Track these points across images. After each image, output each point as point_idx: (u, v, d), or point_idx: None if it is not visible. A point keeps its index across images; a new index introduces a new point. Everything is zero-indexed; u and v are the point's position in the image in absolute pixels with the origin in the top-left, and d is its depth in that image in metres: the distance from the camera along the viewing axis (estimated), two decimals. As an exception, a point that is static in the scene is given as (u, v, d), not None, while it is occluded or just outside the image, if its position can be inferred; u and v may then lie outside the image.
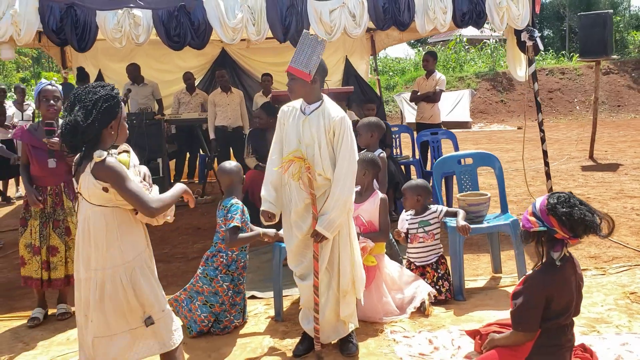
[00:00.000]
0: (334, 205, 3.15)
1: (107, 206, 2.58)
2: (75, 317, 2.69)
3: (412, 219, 4.18)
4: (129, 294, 2.60)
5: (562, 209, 2.56)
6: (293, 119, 3.31)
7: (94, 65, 9.32)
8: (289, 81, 3.24)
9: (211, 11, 5.19)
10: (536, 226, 2.64)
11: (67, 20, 5.00)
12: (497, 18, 5.67)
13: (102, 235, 2.58)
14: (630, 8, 25.84)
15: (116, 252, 2.59)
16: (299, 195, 3.23)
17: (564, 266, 2.62)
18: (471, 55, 24.24)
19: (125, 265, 2.61)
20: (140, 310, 2.64)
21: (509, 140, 14.24)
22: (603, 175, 8.33)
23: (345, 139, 3.20)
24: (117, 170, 2.52)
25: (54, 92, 4.05)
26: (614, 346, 3.23)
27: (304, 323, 3.43)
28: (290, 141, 3.28)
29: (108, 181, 2.52)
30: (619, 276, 4.25)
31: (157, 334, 2.67)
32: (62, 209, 4.10)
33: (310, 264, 3.28)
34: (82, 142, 2.56)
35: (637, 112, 18.58)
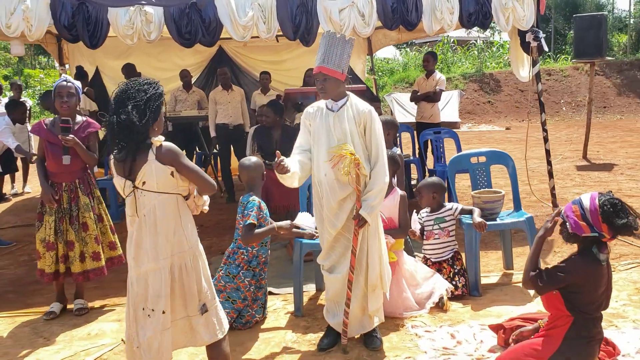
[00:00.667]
0: (376, 191, 3.24)
1: (172, 193, 2.65)
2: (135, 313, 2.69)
3: (427, 216, 4.26)
4: (191, 279, 2.68)
5: (619, 220, 2.60)
6: (320, 118, 3.35)
7: (91, 63, 9.28)
8: (319, 82, 3.26)
9: (222, 9, 5.20)
10: (588, 232, 2.67)
11: (79, 17, 4.98)
12: (503, 19, 5.75)
13: (170, 222, 2.65)
14: (614, 10, 26.22)
15: (182, 238, 2.67)
16: (332, 193, 3.28)
17: (600, 262, 2.69)
18: (458, 57, 24.42)
19: (189, 251, 2.69)
20: (196, 298, 2.70)
21: (499, 141, 14.41)
22: (599, 175, 8.48)
23: (375, 130, 3.30)
24: (177, 151, 2.63)
25: (69, 88, 4.06)
26: (633, 340, 3.32)
27: (329, 317, 3.47)
28: (320, 140, 3.32)
29: (173, 163, 2.60)
30: (629, 272, 4.36)
31: (209, 323, 2.72)
32: (77, 205, 4.10)
33: (339, 258, 3.35)
34: (136, 142, 2.58)
35: (622, 113, 18.89)
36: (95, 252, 4.13)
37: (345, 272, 3.32)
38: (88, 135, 4.17)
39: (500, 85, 20.89)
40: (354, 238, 3.27)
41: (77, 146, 4.00)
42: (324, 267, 3.43)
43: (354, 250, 3.28)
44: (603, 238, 2.66)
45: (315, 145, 3.36)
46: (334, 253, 3.37)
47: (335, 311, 3.43)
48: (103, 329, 3.88)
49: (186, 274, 2.66)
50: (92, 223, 4.12)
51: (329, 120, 3.31)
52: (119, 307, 4.26)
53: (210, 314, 2.73)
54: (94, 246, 4.12)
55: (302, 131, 3.47)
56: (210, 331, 2.72)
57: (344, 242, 3.35)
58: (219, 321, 2.76)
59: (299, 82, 8.57)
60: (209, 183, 2.72)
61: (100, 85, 9.41)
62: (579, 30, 9.47)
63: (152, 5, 5.08)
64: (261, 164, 4.02)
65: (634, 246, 4.98)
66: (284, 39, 6.25)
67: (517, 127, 17.83)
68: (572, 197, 7.06)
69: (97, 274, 4.15)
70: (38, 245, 4.11)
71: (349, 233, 3.32)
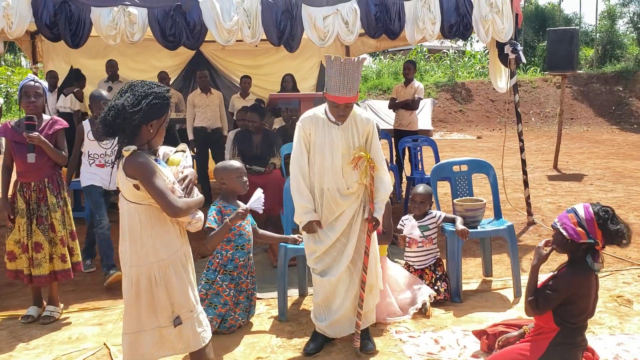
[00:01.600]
0: (383, 196, 3.37)
1: (141, 204, 2.59)
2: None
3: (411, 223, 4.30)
4: (160, 291, 2.63)
5: (614, 226, 2.69)
6: (322, 129, 3.34)
7: (66, 62, 9.12)
8: (342, 109, 3.25)
9: (207, 12, 5.20)
10: (585, 238, 2.73)
11: (61, 16, 4.93)
12: (483, 31, 5.89)
13: (136, 232, 2.60)
14: (581, 25, 26.95)
15: (150, 250, 2.61)
16: (335, 204, 3.34)
17: (588, 271, 2.77)
18: (431, 65, 24.77)
19: (159, 264, 2.62)
20: (170, 310, 2.66)
21: (471, 149, 14.65)
22: (570, 185, 8.70)
23: (376, 139, 3.41)
24: (145, 167, 2.52)
25: (35, 88, 3.98)
26: (610, 346, 3.42)
27: (317, 321, 3.48)
28: (323, 152, 3.33)
29: (137, 177, 2.53)
30: (603, 280, 4.48)
31: (183, 335, 2.69)
32: (45, 204, 4.01)
33: (332, 261, 3.38)
34: (120, 129, 2.54)
35: (588, 124, 19.41)
36: (62, 254, 4.04)
37: (339, 276, 3.36)
38: (55, 133, 4.06)
39: (471, 94, 21.25)
40: (367, 239, 3.34)
41: (43, 144, 3.91)
42: (316, 270, 3.44)
43: (367, 251, 3.35)
44: (597, 246, 2.74)
45: (316, 156, 3.36)
46: (328, 257, 3.40)
47: (324, 315, 3.45)
48: (84, 333, 3.82)
49: (155, 285, 2.61)
50: (58, 224, 4.02)
51: (333, 133, 3.33)
52: (99, 311, 4.20)
53: (185, 327, 2.68)
54: (61, 248, 4.03)
55: (301, 142, 3.37)
56: (184, 342, 2.69)
57: (339, 246, 3.38)
58: (194, 334, 2.70)
59: (276, 87, 8.59)
60: (172, 207, 2.53)
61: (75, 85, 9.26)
62: (552, 44, 9.72)
63: (136, 7, 5.05)
64: (224, 167, 3.95)
65: (607, 255, 5.13)
66: (262, 44, 6.25)
67: (488, 136, 18.14)
68: (546, 206, 7.25)
69: (64, 276, 4.06)
70: (12, 247, 4.00)
71: (345, 238, 3.37)
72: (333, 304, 3.42)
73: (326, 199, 3.35)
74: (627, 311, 3.95)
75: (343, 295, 3.40)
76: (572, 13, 32.16)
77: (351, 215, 3.36)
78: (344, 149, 3.31)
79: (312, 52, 9.85)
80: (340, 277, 3.37)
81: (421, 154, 7.24)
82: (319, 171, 3.35)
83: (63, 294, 4.34)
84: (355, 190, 3.36)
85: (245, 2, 5.27)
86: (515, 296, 4.23)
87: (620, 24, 25.20)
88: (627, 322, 3.78)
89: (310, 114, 3.42)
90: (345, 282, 3.40)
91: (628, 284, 4.47)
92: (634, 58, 22.30)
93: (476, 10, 5.80)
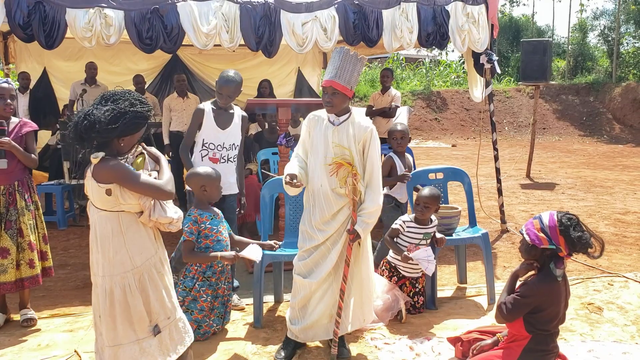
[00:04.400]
0: (372, 211, 3.29)
1: (113, 211, 2.55)
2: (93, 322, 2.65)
3: (416, 228, 4.10)
4: (136, 300, 2.58)
5: (575, 233, 2.74)
6: (320, 128, 3.37)
7: (39, 63, 9.02)
8: (328, 95, 3.25)
9: (185, 16, 5.16)
10: (546, 244, 2.79)
11: (35, 16, 4.84)
12: (459, 40, 5.96)
13: (108, 241, 2.55)
14: (554, 36, 27.45)
15: (124, 258, 2.57)
16: (327, 204, 3.31)
17: (556, 279, 2.82)
18: (407, 74, 24.99)
19: (134, 271, 2.58)
20: (147, 320, 2.61)
21: (446, 157, 14.78)
22: (542, 194, 8.84)
23: (374, 148, 3.34)
24: (119, 168, 2.50)
25: (10, 90, 3.89)
26: (581, 353, 3.48)
27: (291, 324, 3.45)
28: (317, 151, 3.34)
29: (114, 181, 2.49)
30: (575, 288, 4.55)
31: (163, 343, 2.65)
32: (15, 208, 3.90)
33: (313, 265, 3.37)
34: (91, 141, 2.51)
35: (560, 134, 19.76)
36: (31, 260, 3.93)
37: (320, 279, 3.34)
38: (25, 136, 3.96)
39: (446, 103, 21.47)
40: (348, 249, 3.31)
41: (14, 149, 3.82)
42: (296, 270, 3.42)
43: (348, 260, 3.31)
44: (560, 252, 2.78)
45: (312, 155, 3.38)
46: (310, 258, 3.37)
47: (298, 318, 3.43)
48: (54, 340, 3.74)
49: (130, 295, 2.57)
50: (27, 229, 3.91)
51: (328, 133, 3.32)
52: (70, 317, 4.12)
53: (164, 335, 2.65)
54: (29, 253, 3.92)
55: (303, 137, 3.47)
56: (164, 353, 2.66)
57: (323, 250, 3.35)
58: (172, 340, 2.68)
59: (253, 92, 8.57)
60: (163, 191, 2.57)
61: (47, 86, 9.14)
62: (526, 54, 9.87)
63: (113, 9, 4.99)
64: (194, 174, 3.90)
65: (578, 262, 5.21)
66: (240, 49, 6.23)
67: (462, 144, 18.34)
68: (519, 214, 7.35)
69: (32, 283, 3.95)
70: None
71: (332, 243, 3.35)
72: (308, 308, 3.40)
73: (318, 199, 3.33)
74: (597, 318, 4.02)
75: (318, 300, 3.38)
76: (545, 25, 32.73)
77: (342, 221, 3.33)
78: (336, 150, 3.29)
79: (290, 58, 9.87)
80: (321, 281, 3.35)
81: (397, 161, 7.26)
82: (312, 169, 3.36)
83: (33, 300, 4.25)
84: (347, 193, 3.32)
85: (224, 7, 5.26)
86: (489, 303, 4.27)
87: (591, 37, 25.72)
88: (597, 329, 3.84)
89: (315, 114, 3.45)
90: (324, 288, 3.38)
91: (598, 291, 4.54)
92: (605, 70, 22.79)
93: (453, 20, 5.88)
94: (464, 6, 5.89)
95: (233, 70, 4.47)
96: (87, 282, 4.86)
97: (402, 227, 4.12)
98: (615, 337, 3.72)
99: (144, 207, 2.59)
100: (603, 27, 24.44)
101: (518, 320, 2.86)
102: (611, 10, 24.65)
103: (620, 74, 21.46)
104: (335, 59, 3.25)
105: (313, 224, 3.35)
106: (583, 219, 6.94)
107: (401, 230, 4.12)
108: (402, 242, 4.11)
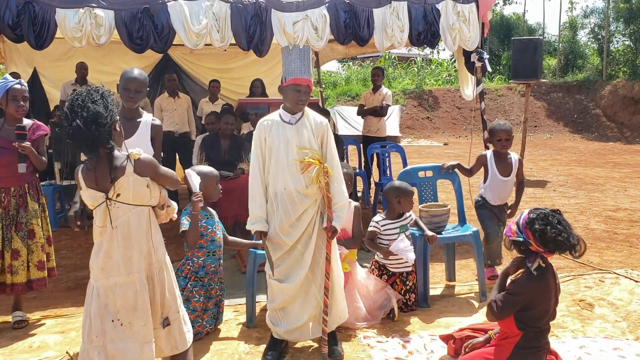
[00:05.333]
0: (342, 204, 3.33)
1: (145, 205, 2.63)
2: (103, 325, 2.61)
3: (389, 223, 4.17)
4: (157, 291, 2.65)
5: (536, 226, 2.78)
6: (276, 130, 3.34)
7: (29, 63, 8.94)
8: (304, 94, 3.28)
9: (175, 15, 5.14)
10: (515, 236, 2.86)
11: (25, 16, 4.80)
12: (450, 39, 5.97)
13: (143, 235, 2.62)
14: (544, 35, 27.58)
15: (151, 250, 2.66)
16: (292, 206, 3.29)
17: (544, 275, 2.84)
18: (399, 72, 25.04)
19: (157, 264, 2.67)
20: (159, 311, 2.66)
21: (438, 156, 14.84)
22: (534, 192, 8.88)
23: (331, 142, 3.38)
24: (155, 162, 2.64)
25: (23, 92, 3.94)
26: (573, 349, 3.50)
27: (273, 325, 3.45)
28: (278, 152, 3.31)
29: (149, 174, 2.59)
30: (566, 285, 4.58)
31: (170, 336, 2.69)
32: (25, 211, 3.93)
33: (289, 269, 3.36)
34: (107, 134, 2.53)
35: (551, 132, 19.88)
36: (40, 261, 3.97)
37: (299, 282, 3.33)
38: (37, 139, 4.01)
39: (438, 102, 21.55)
40: (328, 245, 3.32)
41: (32, 153, 3.88)
42: (272, 276, 3.39)
43: (329, 257, 3.32)
44: (530, 246, 2.81)
45: (272, 158, 3.33)
46: (284, 264, 3.36)
47: (280, 320, 3.42)
48: (46, 341, 3.73)
49: (152, 286, 2.63)
50: (40, 230, 3.96)
51: (287, 132, 3.31)
52: (62, 319, 4.10)
53: (173, 328, 2.70)
54: (40, 255, 3.96)
55: (257, 149, 3.38)
56: (171, 344, 2.69)
57: (295, 254, 3.34)
58: (181, 334, 2.74)
59: (245, 91, 8.56)
60: (177, 179, 2.84)
61: (39, 87, 9.07)
62: (517, 53, 9.91)
63: (103, 9, 4.96)
64: (215, 175, 3.94)
65: (569, 259, 5.25)
66: (231, 48, 6.22)
67: (454, 142, 18.40)
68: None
69: (40, 285, 3.99)
70: None
71: (303, 246, 3.33)
72: (291, 311, 3.39)
73: (282, 201, 3.30)
74: (588, 315, 4.04)
75: (300, 305, 3.38)
76: (535, 23, 32.87)
77: (308, 222, 3.32)
78: (298, 147, 3.28)
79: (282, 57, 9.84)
80: (299, 284, 3.34)
81: (389, 160, 7.31)
82: (274, 172, 3.32)
83: (24, 301, 4.22)
84: (313, 192, 3.31)
85: (215, 6, 5.24)
86: (481, 301, 4.29)
87: (581, 35, 25.90)
88: (589, 325, 3.86)
89: (265, 119, 3.42)
90: (303, 292, 3.37)
91: (590, 288, 4.57)
92: (595, 68, 22.93)
93: (444, 18, 5.88)
94: (455, 5, 5.90)
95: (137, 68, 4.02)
96: (78, 284, 4.85)
97: (377, 227, 4.18)
98: (606, 333, 3.74)
99: (164, 198, 2.76)
100: (593, 25, 24.60)
101: (509, 317, 2.88)
102: (601, 8, 24.80)
103: (610, 71, 21.60)
104: (295, 56, 3.27)
105: (278, 229, 3.31)
106: (574, 217, 7.03)
107: (378, 231, 4.17)
108: (384, 241, 4.15)
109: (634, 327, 3.83)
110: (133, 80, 3.86)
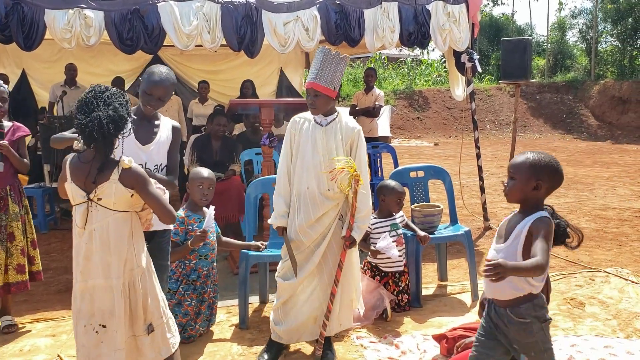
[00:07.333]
0: (365, 215, 3.31)
1: (128, 211, 2.58)
2: (76, 329, 2.59)
3: (380, 222, 4.18)
4: (139, 297, 2.60)
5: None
6: (306, 130, 3.33)
7: (17, 65, 8.90)
8: (311, 97, 3.24)
9: (166, 16, 5.14)
10: None
11: (13, 17, 4.79)
12: (440, 39, 6.00)
13: (123, 240, 2.56)
14: (533, 35, 27.73)
15: (132, 256, 2.59)
16: (314, 207, 3.28)
17: None
18: (389, 73, 25.09)
19: (138, 269, 2.61)
20: (142, 317, 2.62)
21: (429, 156, 14.88)
22: (524, 191, 8.90)
23: (361, 150, 3.33)
24: (145, 178, 2.55)
25: (2, 92, 3.87)
26: (564, 347, 3.52)
27: (275, 324, 3.44)
28: (305, 153, 3.30)
29: (135, 187, 2.52)
30: (557, 284, 4.61)
31: (154, 342, 2.64)
32: (6, 213, 3.88)
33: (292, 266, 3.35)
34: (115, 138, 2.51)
35: (540, 132, 20.00)
36: (20, 265, 3.90)
37: (303, 277, 3.33)
38: (18, 140, 3.96)
39: (428, 102, 21.61)
40: (343, 253, 3.29)
41: (10, 153, 3.82)
42: (278, 273, 3.40)
43: (341, 265, 3.29)
44: None
45: (298, 157, 3.33)
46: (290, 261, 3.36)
47: (281, 319, 3.42)
48: (37, 345, 3.70)
49: (134, 292, 2.58)
50: (20, 234, 3.90)
51: (316, 133, 3.29)
52: (53, 322, 4.07)
53: (156, 334, 2.65)
54: (20, 258, 3.90)
55: (287, 144, 3.39)
56: (155, 350, 2.65)
57: (306, 252, 3.34)
58: (164, 340, 2.67)
59: (235, 93, 8.55)
60: (170, 214, 2.61)
61: (27, 89, 9.02)
62: (506, 53, 9.92)
63: (93, 9, 4.94)
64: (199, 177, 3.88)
65: (560, 258, 5.28)
66: (222, 49, 6.21)
67: (444, 143, 18.46)
68: (501, 211, 7.41)
69: (19, 288, 3.92)
70: None
71: (315, 246, 3.32)
72: (291, 309, 3.39)
73: (304, 201, 3.29)
74: (579, 313, 4.07)
75: (303, 302, 3.37)
76: (524, 24, 33.20)
77: (327, 224, 3.31)
78: (324, 151, 3.26)
79: (272, 58, 9.85)
80: (302, 281, 3.34)
81: (381, 160, 7.32)
82: (299, 171, 3.31)
83: (14, 304, 4.19)
84: (336, 196, 3.29)
85: (205, 7, 5.24)
86: (473, 300, 4.31)
87: (570, 35, 26.13)
88: (579, 324, 3.89)
89: (299, 116, 3.41)
90: (309, 290, 3.37)
91: (580, 286, 4.60)
92: (583, 68, 23.10)
93: (434, 19, 5.92)
94: (445, 5, 5.94)
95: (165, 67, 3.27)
96: (69, 286, 4.77)
97: (369, 226, 4.15)
98: (597, 331, 3.77)
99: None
100: (582, 25, 24.77)
101: None
102: (589, 8, 24.95)
103: (598, 71, 21.77)
104: (317, 59, 3.23)
105: (297, 228, 3.31)
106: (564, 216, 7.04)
107: (369, 230, 4.15)
108: (375, 240, 4.15)
109: (625, 324, 3.86)
110: (158, 87, 3.11)
